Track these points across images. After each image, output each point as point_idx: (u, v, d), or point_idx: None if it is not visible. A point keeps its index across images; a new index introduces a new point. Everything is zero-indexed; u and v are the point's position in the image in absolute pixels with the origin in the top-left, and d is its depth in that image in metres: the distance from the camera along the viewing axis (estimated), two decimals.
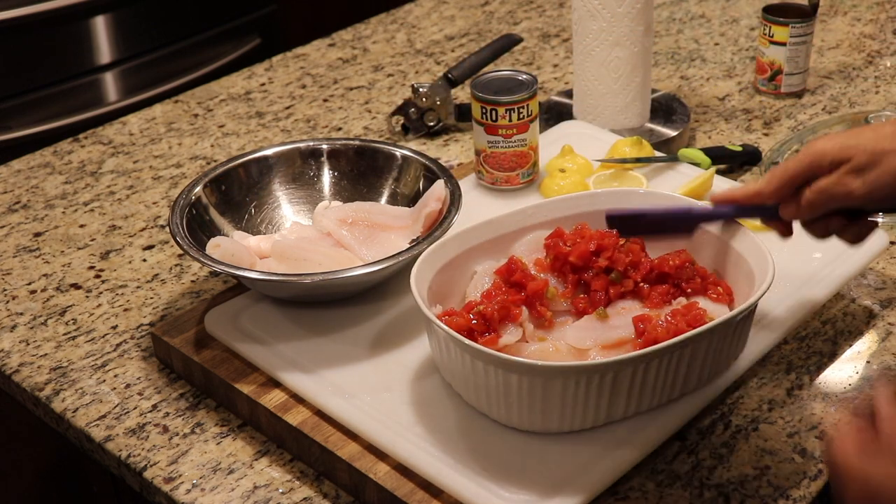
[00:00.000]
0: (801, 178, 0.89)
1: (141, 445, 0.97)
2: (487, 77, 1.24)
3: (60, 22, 2.09)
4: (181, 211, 1.07)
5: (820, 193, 0.88)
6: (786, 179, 0.89)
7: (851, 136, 0.87)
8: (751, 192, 0.92)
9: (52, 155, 1.49)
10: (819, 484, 0.88)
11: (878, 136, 0.86)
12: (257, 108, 1.60)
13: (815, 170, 0.88)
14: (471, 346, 0.84)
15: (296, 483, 0.92)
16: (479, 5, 1.94)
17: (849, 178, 0.86)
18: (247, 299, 1.07)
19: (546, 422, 0.87)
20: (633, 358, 0.83)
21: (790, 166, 0.89)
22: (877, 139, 0.85)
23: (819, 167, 0.87)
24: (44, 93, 2.13)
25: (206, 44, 2.38)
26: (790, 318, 1.00)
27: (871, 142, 0.85)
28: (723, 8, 1.87)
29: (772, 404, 0.97)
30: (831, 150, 0.87)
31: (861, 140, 0.86)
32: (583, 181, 1.22)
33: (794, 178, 0.89)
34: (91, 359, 1.08)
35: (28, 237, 1.30)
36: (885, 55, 1.66)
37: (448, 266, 0.97)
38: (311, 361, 0.98)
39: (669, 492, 0.88)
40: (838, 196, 0.87)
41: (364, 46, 1.79)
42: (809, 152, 0.88)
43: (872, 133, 0.86)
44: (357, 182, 1.19)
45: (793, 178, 0.89)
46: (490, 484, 0.84)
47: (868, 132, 0.87)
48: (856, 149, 0.86)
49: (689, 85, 1.60)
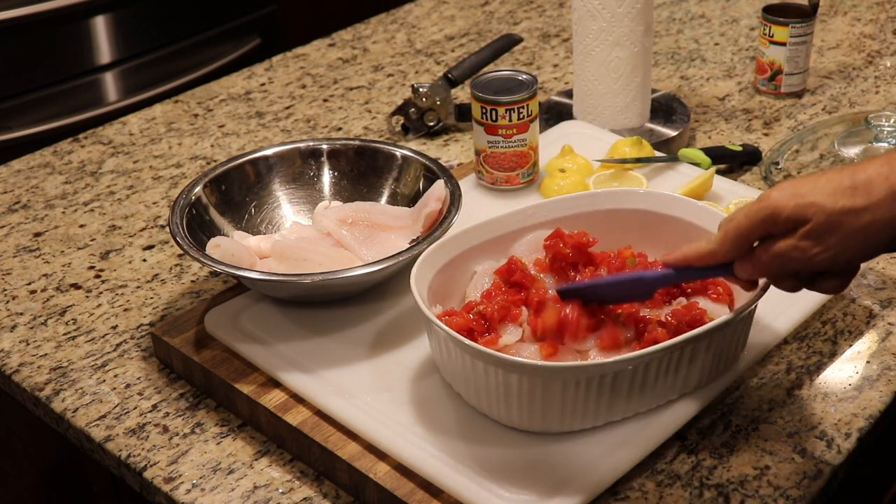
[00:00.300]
0: (754, 236, 0.82)
1: (141, 445, 0.97)
2: (487, 77, 1.24)
3: (60, 22, 2.09)
4: (181, 211, 1.07)
5: (777, 258, 0.80)
6: (739, 239, 0.82)
7: (807, 189, 0.78)
8: (704, 252, 0.85)
9: (52, 155, 1.49)
10: (819, 484, 0.88)
11: (835, 190, 0.77)
12: (257, 108, 1.60)
13: (768, 227, 0.80)
14: (471, 346, 0.84)
15: (296, 483, 0.92)
16: (479, 5, 1.94)
17: (807, 243, 0.78)
18: (247, 299, 1.06)
19: (546, 422, 0.87)
20: (633, 358, 0.83)
21: (742, 223, 0.81)
22: (835, 197, 0.76)
23: (773, 224, 0.79)
24: (44, 93, 2.13)
25: (206, 44, 2.38)
26: (790, 318, 1.00)
27: (829, 200, 0.76)
28: (723, 8, 1.87)
29: (772, 404, 0.97)
30: (786, 208, 0.78)
31: (818, 197, 0.77)
32: (583, 181, 1.22)
33: (748, 237, 0.82)
34: (91, 359, 1.08)
35: (28, 237, 1.30)
36: (885, 55, 1.66)
37: (448, 266, 0.97)
38: (311, 361, 0.98)
39: (669, 492, 0.88)
40: (797, 261, 0.79)
41: (364, 46, 1.79)
42: (763, 207, 0.79)
43: (830, 187, 0.77)
44: (357, 182, 1.19)
45: (746, 236, 0.82)
46: (490, 484, 0.84)
47: (825, 184, 0.77)
48: (814, 208, 0.77)
49: (689, 85, 1.60)
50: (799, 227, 0.78)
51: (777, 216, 0.79)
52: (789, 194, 0.78)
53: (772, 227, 0.80)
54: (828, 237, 0.77)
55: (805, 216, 0.77)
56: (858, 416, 0.95)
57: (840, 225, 0.77)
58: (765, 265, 0.82)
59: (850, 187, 0.76)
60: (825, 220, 0.77)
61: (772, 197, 0.79)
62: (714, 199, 1.19)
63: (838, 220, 0.76)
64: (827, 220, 0.77)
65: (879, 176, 0.76)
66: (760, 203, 0.80)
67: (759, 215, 0.80)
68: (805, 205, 0.77)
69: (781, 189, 0.79)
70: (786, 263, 0.80)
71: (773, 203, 0.79)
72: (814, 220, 0.77)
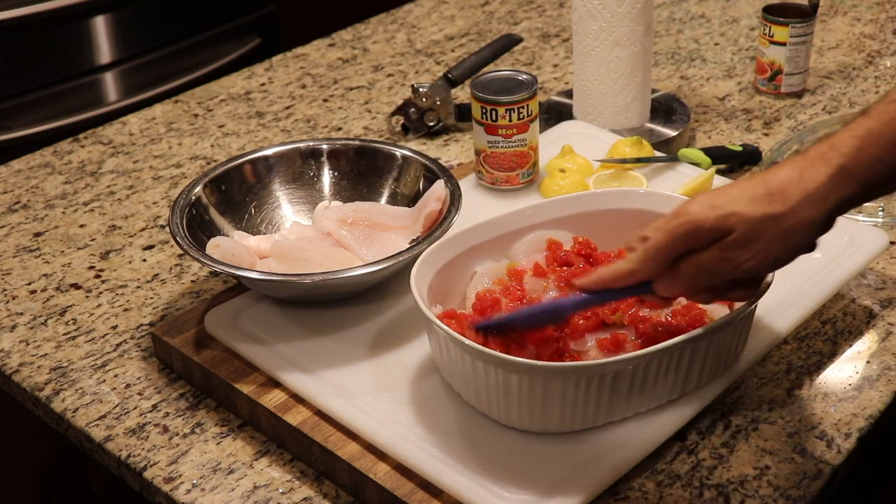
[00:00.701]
0: (676, 252, 0.81)
1: (141, 445, 0.97)
2: (487, 77, 1.24)
3: (60, 22, 2.09)
4: (181, 211, 1.07)
5: (703, 270, 0.81)
6: (661, 256, 0.81)
7: (724, 200, 0.79)
8: (623, 272, 0.83)
9: (52, 155, 1.49)
10: (819, 484, 0.88)
11: (752, 199, 0.78)
12: (257, 108, 1.60)
13: (690, 242, 0.80)
14: (471, 346, 0.84)
15: (296, 483, 0.92)
16: (479, 5, 1.94)
17: (734, 253, 0.79)
18: (247, 299, 1.06)
19: (546, 422, 0.87)
20: (633, 358, 0.83)
21: (663, 240, 0.81)
22: (753, 205, 0.78)
23: (695, 238, 0.80)
24: (44, 93, 2.13)
25: (206, 44, 2.38)
26: (790, 318, 1.00)
27: (748, 208, 0.78)
28: (723, 8, 1.87)
29: (772, 404, 0.97)
30: (707, 220, 0.79)
31: (737, 206, 0.78)
32: (583, 181, 1.22)
33: (669, 253, 0.81)
34: (91, 359, 1.08)
35: (28, 237, 1.30)
36: (885, 55, 1.66)
37: (448, 266, 0.97)
38: (311, 361, 0.98)
39: (669, 492, 0.88)
40: (724, 271, 0.80)
41: (364, 46, 1.79)
42: (683, 222, 0.80)
43: (746, 196, 0.79)
44: (357, 182, 1.19)
45: (668, 253, 0.81)
46: (490, 484, 0.84)
47: (740, 194, 0.79)
48: (735, 218, 0.78)
49: (689, 85, 1.60)
50: (721, 238, 0.79)
51: (699, 229, 0.79)
52: (706, 206, 0.79)
53: (694, 241, 0.80)
54: (753, 244, 0.79)
55: (727, 227, 0.79)
56: (858, 416, 0.95)
57: (763, 231, 0.78)
58: (689, 279, 0.82)
59: (766, 195, 0.78)
60: (748, 228, 0.78)
61: (690, 211, 0.80)
62: None
63: (761, 227, 0.78)
64: (750, 229, 0.78)
65: (791, 181, 0.78)
66: (679, 218, 0.80)
67: (681, 230, 0.80)
68: (725, 215, 0.78)
69: (697, 202, 0.80)
70: (712, 275, 0.81)
71: (693, 217, 0.79)
72: (737, 230, 0.78)
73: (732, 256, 0.79)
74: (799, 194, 0.78)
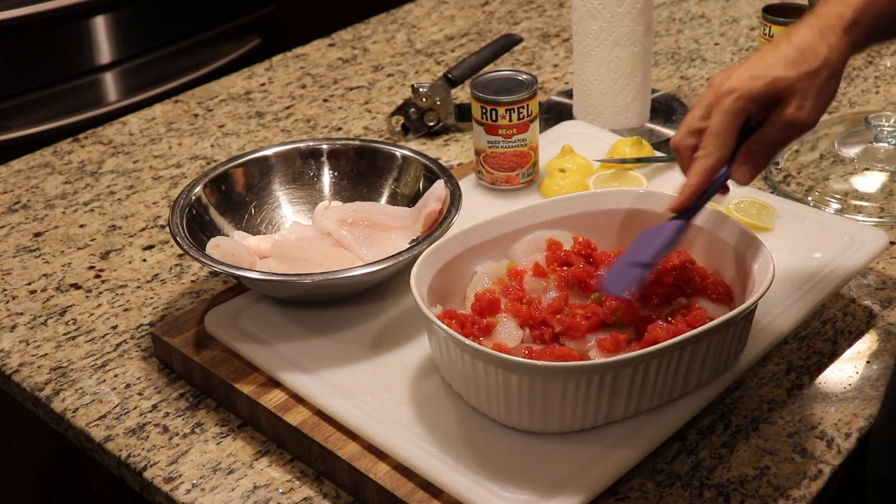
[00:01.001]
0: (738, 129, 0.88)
1: (141, 445, 0.97)
2: (487, 77, 1.24)
3: (60, 22, 2.10)
4: (181, 211, 1.07)
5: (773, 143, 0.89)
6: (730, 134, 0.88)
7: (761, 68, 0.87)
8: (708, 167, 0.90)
9: (52, 155, 1.49)
10: (819, 484, 0.88)
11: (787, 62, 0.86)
12: (257, 108, 1.60)
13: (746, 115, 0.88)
14: (471, 346, 0.84)
15: (296, 483, 0.92)
16: (479, 5, 1.94)
17: (793, 116, 0.87)
18: (247, 299, 1.07)
19: (546, 422, 0.87)
20: (633, 358, 0.83)
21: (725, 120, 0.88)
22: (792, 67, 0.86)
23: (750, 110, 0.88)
24: (44, 93, 2.13)
25: (206, 44, 2.38)
26: (790, 318, 1.00)
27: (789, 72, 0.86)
28: (723, 8, 1.87)
29: (772, 404, 0.97)
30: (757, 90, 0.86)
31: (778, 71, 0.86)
32: (583, 181, 1.22)
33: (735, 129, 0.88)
34: (91, 359, 1.08)
35: (28, 237, 1.30)
36: (885, 55, 1.66)
37: (448, 266, 0.97)
38: (311, 361, 0.98)
39: (669, 492, 0.88)
40: (789, 138, 0.89)
41: (364, 46, 1.79)
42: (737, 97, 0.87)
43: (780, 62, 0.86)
44: (357, 182, 1.19)
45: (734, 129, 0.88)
46: (490, 484, 0.84)
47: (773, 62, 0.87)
48: (782, 83, 0.86)
49: (689, 85, 1.60)
50: (774, 105, 0.87)
51: (753, 99, 0.87)
52: (749, 77, 0.87)
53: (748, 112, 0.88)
54: (805, 102, 0.87)
55: (776, 92, 0.87)
56: (858, 416, 0.95)
57: (809, 87, 0.87)
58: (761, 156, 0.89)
59: (798, 55, 0.86)
60: (795, 88, 0.86)
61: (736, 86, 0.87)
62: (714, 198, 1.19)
63: (806, 85, 0.86)
64: (797, 88, 0.86)
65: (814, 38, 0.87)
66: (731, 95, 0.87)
67: (737, 105, 0.87)
68: (771, 81, 0.86)
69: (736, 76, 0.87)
70: (780, 145, 0.89)
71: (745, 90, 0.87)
72: (786, 94, 0.86)
73: (793, 119, 0.87)
74: (825, 48, 0.86)
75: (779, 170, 1.33)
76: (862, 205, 1.25)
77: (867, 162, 1.31)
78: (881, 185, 1.28)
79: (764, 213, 1.15)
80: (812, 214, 1.16)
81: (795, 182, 1.31)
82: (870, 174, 1.30)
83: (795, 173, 1.32)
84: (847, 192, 1.27)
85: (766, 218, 1.14)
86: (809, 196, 1.27)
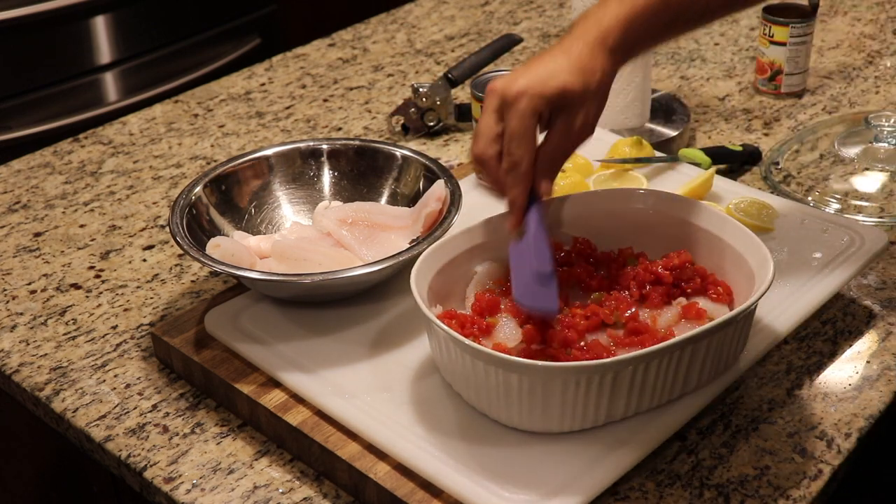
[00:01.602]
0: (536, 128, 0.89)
1: (141, 445, 0.97)
2: (487, 77, 1.24)
3: (60, 22, 2.10)
4: (181, 211, 1.07)
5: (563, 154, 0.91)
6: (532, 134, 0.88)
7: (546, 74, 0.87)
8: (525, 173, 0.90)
9: (52, 155, 1.49)
10: (819, 484, 0.88)
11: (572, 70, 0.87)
12: (257, 108, 1.60)
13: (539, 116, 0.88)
14: (471, 346, 0.84)
15: (296, 483, 0.92)
16: (479, 5, 1.94)
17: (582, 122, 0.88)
18: (247, 299, 1.06)
19: (546, 422, 0.87)
20: (633, 358, 0.83)
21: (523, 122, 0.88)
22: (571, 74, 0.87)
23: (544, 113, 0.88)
24: (44, 93, 2.13)
25: (206, 44, 2.38)
26: (790, 318, 1.00)
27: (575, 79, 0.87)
28: None
29: (772, 404, 0.97)
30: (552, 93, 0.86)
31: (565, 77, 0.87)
32: (583, 181, 1.22)
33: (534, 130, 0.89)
34: (91, 359, 1.08)
35: (28, 237, 1.30)
36: (885, 55, 1.66)
37: (448, 266, 0.97)
38: (311, 361, 0.98)
39: (669, 492, 0.88)
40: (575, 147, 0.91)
41: (364, 46, 1.80)
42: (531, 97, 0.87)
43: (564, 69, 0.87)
44: (357, 182, 1.19)
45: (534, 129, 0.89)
46: (490, 484, 0.84)
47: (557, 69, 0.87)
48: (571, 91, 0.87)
49: (689, 85, 1.60)
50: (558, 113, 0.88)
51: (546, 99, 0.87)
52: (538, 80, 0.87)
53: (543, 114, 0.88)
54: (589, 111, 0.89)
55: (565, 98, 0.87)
56: (858, 416, 0.95)
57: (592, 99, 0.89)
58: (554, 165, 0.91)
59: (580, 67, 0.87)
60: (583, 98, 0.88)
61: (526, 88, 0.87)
62: (714, 199, 1.19)
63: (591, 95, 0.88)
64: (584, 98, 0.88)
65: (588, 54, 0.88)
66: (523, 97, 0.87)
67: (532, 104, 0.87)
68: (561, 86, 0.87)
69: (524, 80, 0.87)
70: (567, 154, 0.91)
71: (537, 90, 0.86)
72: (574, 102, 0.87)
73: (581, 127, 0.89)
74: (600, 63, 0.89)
75: (779, 170, 1.33)
76: (862, 205, 1.25)
77: (867, 162, 1.32)
78: (881, 185, 1.28)
79: (764, 213, 1.15)
80: (812, 214, 1.16)
81: (795, 182, 1.31)
82: (870, 174, 1.30)
83: (795, 173, 1.32)
84: (847, 192, 1.27)
85: (766, 218, 1.14)
86: (809, 196, 1.28)
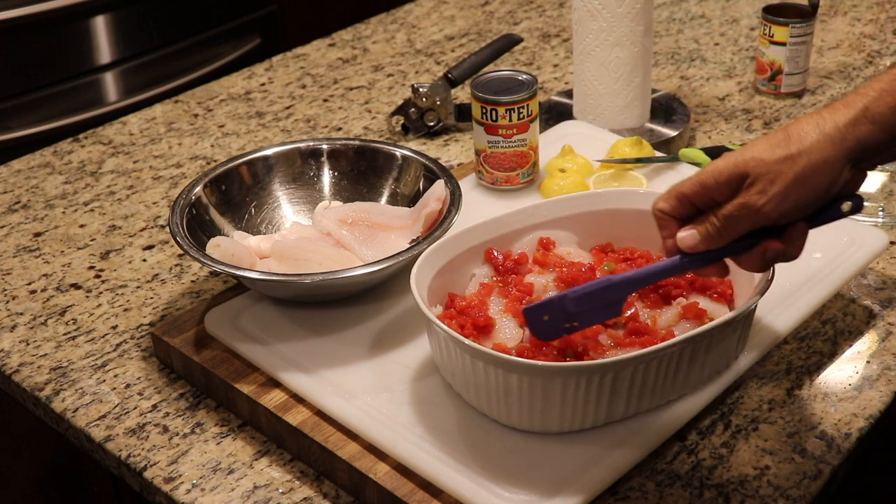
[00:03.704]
0: (695, 198, 0.83)
1: (141, 445, 0.97)
2: (487, 77, 1.24)
3: (60, 22, 2.10)
4: (181, 211, 1.07)
5: (727, 219, 0.81)
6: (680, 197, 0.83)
7: (745, 149, 0.81)
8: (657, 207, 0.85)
9: (52, 155, 1.49)
10: (819, 484, 0.88)
11: (771, 144, 0.80)
12: (257, 108, 1.60)
13: (709, 190, 0.82)
14: (471, 346, 0.84)
15: (296, 483, 0.92)
16: (479, 5, 1.94)
17: (752, 197, 0.79)
18: (247, 299, 1.07)
19: (546, 422, 0.87)
20: (633, 358, 0.83)
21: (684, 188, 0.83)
22: (771, 149, 0.79)
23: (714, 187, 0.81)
24: (44, 93, 2.13)
25: (206, 44, 2.38)
26: (790, 318, 1.00)
27: (766, 153, 0.79)
28: (723, 8, 1.87)
29: (772, 404, 0.97)
30: (724, 168, 0.80)
31: (755, 152, 0.80)
32: (583, 181, 1.22)
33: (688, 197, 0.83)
34: (91, 359, 1.08)
35: (28, 237, 1.30)
36: (885, 55, 1.66)
37: (448, 266, 0.97)
38: (311, 361, 0.98)
39: (669, 492, 0.88)
40: (745, 217, 0.80)
41: (364, 46, 1.79)
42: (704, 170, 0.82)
43: (766, 143, 0.80)
44: (357, 182, 1.19)
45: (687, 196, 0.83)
46: (490, 484, 0.84)
47: (762, 143, 0.80)
48: (753, 162, 0.79)
49: (689, 85, 1.60)
50: (742, 185, 0.80)
51: (717, 177, 0.81)
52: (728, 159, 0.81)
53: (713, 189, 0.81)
54: (770, 188, 0.79)
55: (744, 171, 0.80)
56: (858, 416, 0.95)
57: (780, 174, 0.78)
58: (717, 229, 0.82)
59: (785, 139, 0.79)
60: (764, 170, 0.79)
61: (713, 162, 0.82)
62: None
63: (778, 169, 0.79)
64: (766, 171, 0.79)
65: (810, 124, 0.79)
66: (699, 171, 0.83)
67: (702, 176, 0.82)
68: (743, 161, 0.80)
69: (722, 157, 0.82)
70: (735, 223, 0.81)
71: (713, 166, 0.81)
72: (753, 173, 0.79)
73: (751, 201, 0.79)
74: (816, 134, 0.78)
75: None
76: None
77: None
78: (881, 185, 1.28)
79: None
80: None
81: None
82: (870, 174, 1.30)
83: None
84: None
85: None
86: None
